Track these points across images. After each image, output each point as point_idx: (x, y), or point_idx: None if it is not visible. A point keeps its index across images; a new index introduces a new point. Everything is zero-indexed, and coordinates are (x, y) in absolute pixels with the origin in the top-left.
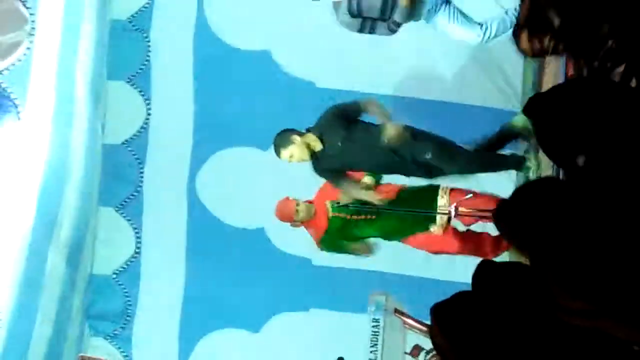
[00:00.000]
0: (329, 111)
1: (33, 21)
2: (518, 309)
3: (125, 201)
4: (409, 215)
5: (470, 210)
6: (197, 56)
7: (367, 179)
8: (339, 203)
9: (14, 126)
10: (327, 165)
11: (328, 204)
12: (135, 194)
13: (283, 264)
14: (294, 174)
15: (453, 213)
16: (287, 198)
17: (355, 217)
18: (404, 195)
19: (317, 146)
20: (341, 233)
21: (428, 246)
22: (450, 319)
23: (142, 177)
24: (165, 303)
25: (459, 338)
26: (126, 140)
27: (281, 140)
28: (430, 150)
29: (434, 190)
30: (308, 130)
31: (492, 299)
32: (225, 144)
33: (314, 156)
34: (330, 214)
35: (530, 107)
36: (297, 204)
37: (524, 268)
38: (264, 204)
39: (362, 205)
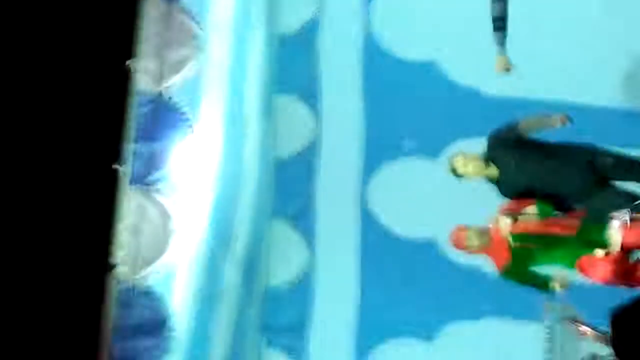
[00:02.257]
0: (488, 139)
1: (202, 36)
2: None
3: (298, 214)
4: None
5: None
6: (365, 68)
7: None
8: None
9: (187, 140)
10: (512, 190)
11: (506, 235)
12: (307, 206)
13: (455, 273)
14: (465, 183)
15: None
16: (459, 226)
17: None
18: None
19: (491, 172)
20: (525, 263)
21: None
22: (631, 325)
23: (314, 190)
24: (339, 314)
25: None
26: (297, 154)
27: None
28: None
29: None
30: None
31: None
32: (395, 155)
33: (497, 181)
34: (512, 245)
35: None
36: (468, 231)
37: None
38: (435, 214)
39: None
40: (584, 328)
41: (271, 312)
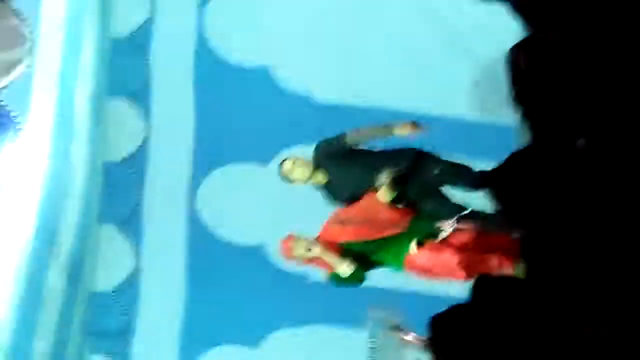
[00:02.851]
0: (317, 147)
1: (33, 39)
2: (514, 321)
3: (126, 218)
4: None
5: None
6: (197, 72)
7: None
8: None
9: (13, 143)
10: (338, 197)
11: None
12: (135, 211)
13: (282, 280)
14: (296, 189)
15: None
16: (287, 236)
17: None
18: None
19: (319, 178)
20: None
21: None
22: (447, 332)
23: (142, 194)
24: (164, 320)
25: (456, 351)
26: (126, 158)
27: (286, 160)
28: (440, 166)
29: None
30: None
31: (488, 312)
32: (225, 160)
33: (324, 187)
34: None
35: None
36: (296, 241)
37: (521, 282)
38: (263, 220)
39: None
40: (407, 335)
41: (96, 317)
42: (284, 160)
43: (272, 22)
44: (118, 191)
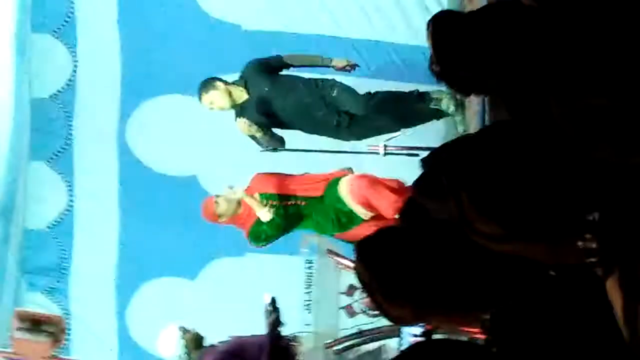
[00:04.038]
0: (251, 63)
1: None
2: (439, 238)
3: (56, 155)
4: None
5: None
6: (121, 3)
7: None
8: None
9: None
10: (251, 117)
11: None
12: (65, 147)
13: None
14: (225, 119)
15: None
16: (208, 197)
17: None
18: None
19: (242, 96)
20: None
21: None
22: (373, 253)
23: (71, 130)
24: (100, 255)
25: (382, 271)
26: (54, 94)
27: (204, 86)
28: (336, 86)
29: None
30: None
31: (414, 231)
32: (153, 92)
33: (238, 107)
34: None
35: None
36: (216, 198)
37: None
38: (195, 152)
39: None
40: (341, 260)
41: (31, 254)
42: (203, 90)
43: None
44: (48, 127)
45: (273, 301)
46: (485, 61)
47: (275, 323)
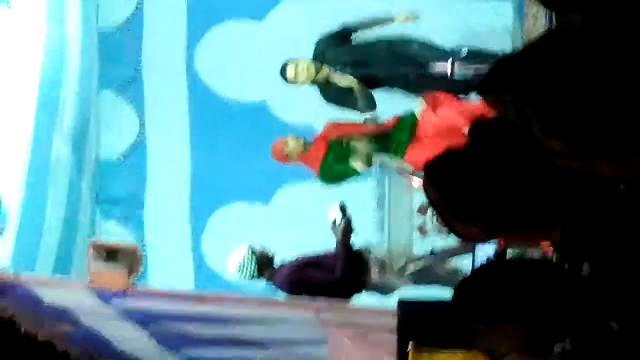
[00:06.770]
0: (320, 41)
1: None
2: (508, 156)
3: (126, 84)
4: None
5: None
6: None
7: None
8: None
9: (5, 15)
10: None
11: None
12: (135, 76)
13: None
14: (293, 42)
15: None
16: (277, 139)
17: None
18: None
19: (324, 71)
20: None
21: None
22: (442, 172)
23: (140, 58)
24: (173, 183)
25: (451, 189)
26: (121, 24)
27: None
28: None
29: None
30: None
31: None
32: (221, 18)
33: (324, 84)
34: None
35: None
36: (285, 139)
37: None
38: (264, 77)
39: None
40: (414, 179)
41: (104, 184)
42: (285, 66)
43: None
44: (116, 57)
45: (342, 208)
46: None
47: (347, 229)
